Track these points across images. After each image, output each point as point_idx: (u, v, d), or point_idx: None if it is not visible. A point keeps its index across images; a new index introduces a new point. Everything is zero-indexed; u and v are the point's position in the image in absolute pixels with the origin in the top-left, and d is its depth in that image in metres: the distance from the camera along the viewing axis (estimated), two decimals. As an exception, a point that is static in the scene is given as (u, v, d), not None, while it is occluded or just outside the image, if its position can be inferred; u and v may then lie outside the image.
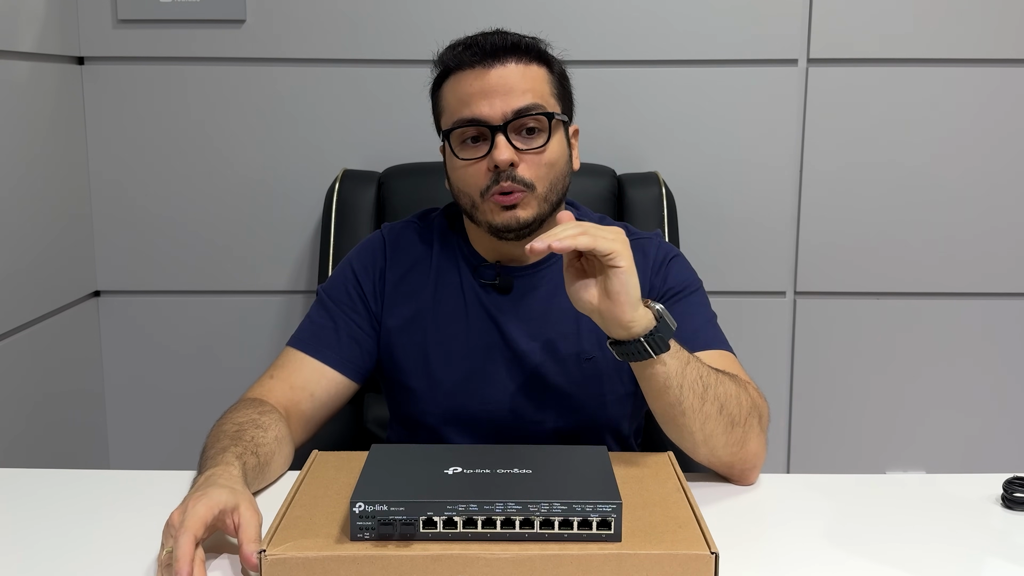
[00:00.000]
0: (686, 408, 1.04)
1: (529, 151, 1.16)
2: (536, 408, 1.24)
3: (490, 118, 1.15)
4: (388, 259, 1.29)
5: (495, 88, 1.16)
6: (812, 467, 2.01)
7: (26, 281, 1.70)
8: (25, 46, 1.68)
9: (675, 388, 1.03)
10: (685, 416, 1.05)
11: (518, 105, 1.15)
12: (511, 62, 1.17)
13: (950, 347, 1.98)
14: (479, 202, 1.18)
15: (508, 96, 1.15)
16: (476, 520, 0.84)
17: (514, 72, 1.17)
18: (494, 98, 1.15)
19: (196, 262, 1.96)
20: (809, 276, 1.96)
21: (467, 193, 1.19)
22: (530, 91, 1.17)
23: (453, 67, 1.19)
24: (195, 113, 1.90)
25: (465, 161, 1.18)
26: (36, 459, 1.73)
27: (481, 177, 1.17)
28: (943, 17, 1.85)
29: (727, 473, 1.11)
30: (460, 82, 1.18)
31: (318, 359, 1.23)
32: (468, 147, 1.18)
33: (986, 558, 0.92)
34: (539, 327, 1.24)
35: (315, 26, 1.87)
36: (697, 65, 1.88)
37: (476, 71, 1.17)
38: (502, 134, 1.15)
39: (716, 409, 1.05)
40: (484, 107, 1.15)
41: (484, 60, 1.17)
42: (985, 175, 1.91)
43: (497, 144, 1.14)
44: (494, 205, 1.17)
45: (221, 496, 0.89)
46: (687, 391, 1.04)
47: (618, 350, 1.03)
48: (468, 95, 1.17)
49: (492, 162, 1.15)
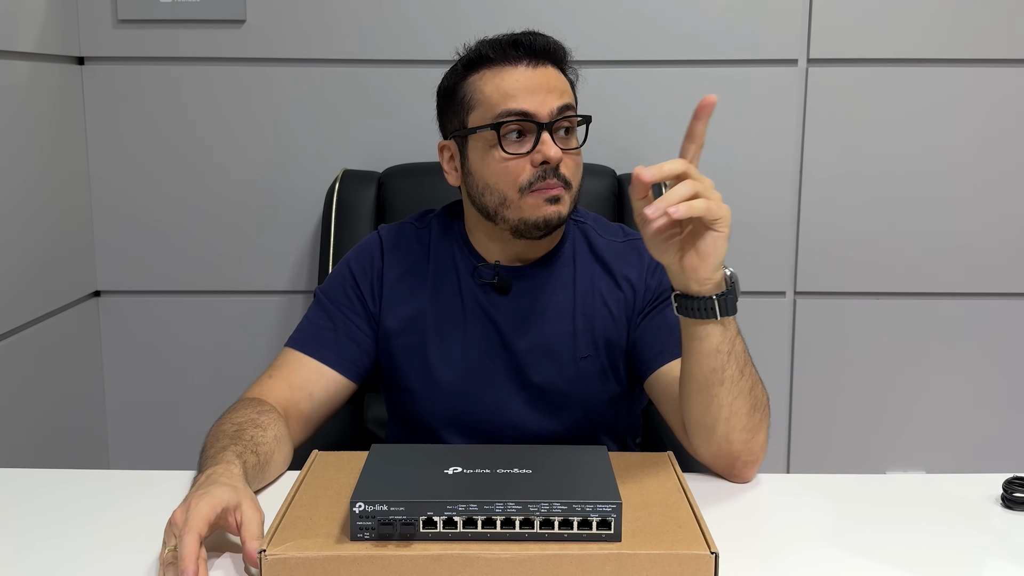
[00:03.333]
0: (725, 377, 1.05)
1: (569, 151, 1.19)
2: (533, 408, 1.25)
3: (538, 114, 1.17)
4: (386, 260, 1.29)
5: (541, 86, 1.18)
6: (812, 467, 2.01)
7: (26, 281, 1.71)
8: (25, 46, 1.68)
9: (724, 354, 1.05)
10: (723, 385, 1.05)
11: (560, 104, 1.18)
12: (550, 65, 1.21)
13: (950, 347, 1.98)
14: (515, 198, 1.18)
15: (551, 95, 1.18)
16: (476, 520, 0.84)
17: (554, 75, 1.21)
18: (540, 95, 1.17)
19: (196, 262, 1.96)
20: (809, 276, 1.96)
21: (501, 190, 1.19)
22: (567, 93, 1.21)
23: (494, 61, 1.19)
24: (195, 113, 1.90)
25: (510, 155, 1.18)
26: (36, 459, 1.73)
27: (523, 172, 1.17)
28: (943, 17, 1.85)
29: (728, 467, 1.10)
30: (504, 77, 1.19)
31: (317, 359, 1.23)
32: (512, 142, 1.18)
33: (986, 558, 0.92)
34: (536, 327, 1.25)
35: (315, 26, 1.87)
36: (697, 65, 1.88)
37: (521, 68, 1.18)
38: (547, 132, 1.16)
39: (748, 387, 1.07)
40: (533, 103, 1.17)
41: (530, 59, 1.19)
42: (985, 175, 1.91)
43: (545, 140, 1.16)
44: (537, 199, 1.17)
45: (223, 494, 0.89)
46: (732, 360, 1.05)
47: (684, 303, 1.04)
48: (516, 90, 1.17)
49: (542, 157, 1.16)
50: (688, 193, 0.96)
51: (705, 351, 1.05)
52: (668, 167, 0.96)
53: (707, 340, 1.04)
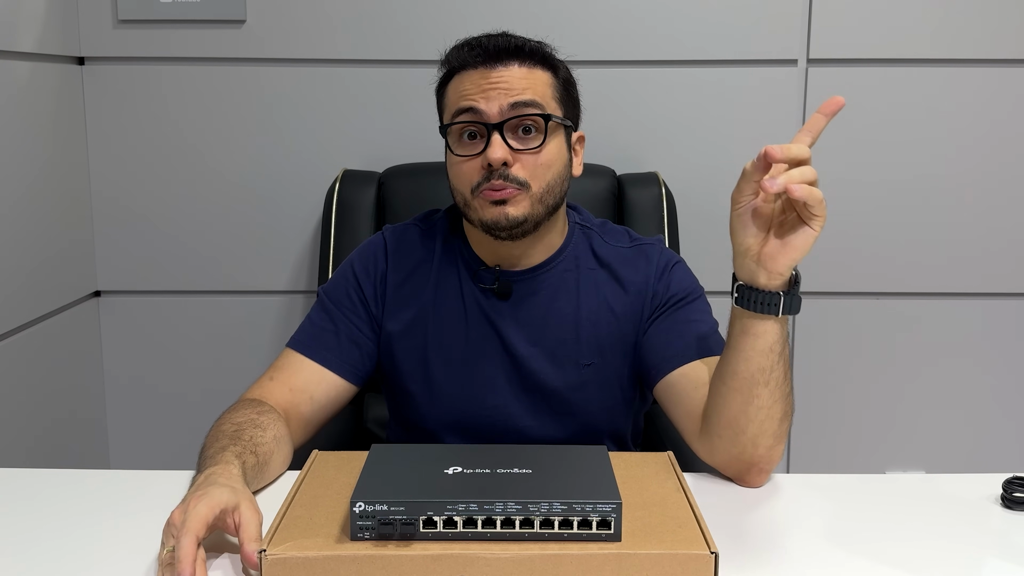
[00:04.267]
0: (770, 379, 1.05)
1: (525, 151, 1.16)
2: (535, 414, 1.24)
3: (487, 113, 1.15)
4: (390, 262, 1.28)
5: (494, 86, 1.16)
6: (812, 467, 2.01)
7: (26, 281, 1.71)
8: (25, 46, 1.68)
9: (776, 354, 1.05)
10: (768, 386, 1.05)
11: (515, 102, 1.15)
12: (514, 64, 1.17)
13: (950, 347, 1.98)
14: (470, 198, 1.18)
15: (507, 94, 1.15)
16: (476, 520, 0.84)
17: (516, 73, 1.17)
18: (492, 95, 1.15)
19: (196, 262, 1.96)
20: (809, 276, 1.95)
21: (459, 190, 1.19)
22: (529, 90, 1.17)
23: (457, 66, 1.19)
24: (195, 113, 1.90)
25: (460, 157, 1.18)
26: (36, 459, 1.73)
27: (474, 174, 1.16)
28: (943, 17, 1.85)
29: (744, 472, 1.09)
30: (462, 81, 1.18)
31: (318, 362, 1.23)
32: (465, 143, 1.18)
33: (986, 558, 0.92)
34: (538, 332, 1.24)
35: (315, 26, 1.87)
36: (697, 65, 1.88)
37: (479, 71, 1.17)
38: (498, 132, 1.14)
39: (787, 393, 1.07)
40: (481, 103, 1.15)
41: (487, 61, 1.17)
42: (985, 175, 1.91)
43: (492, 142, 1.14)
44: (484, 201, 1.16)
45: (222, 495, 0.89)
46: (780, 362, 1.05)
47: (748, 295, 1.05)
48: (468, 92, 1.17)
49: (485, 160, 1.14)
50: (811, 177, 0.97)
51: (759, 348, 1.05)
52: (796, 150, 0.97)
53: (763, 337, 1.04)
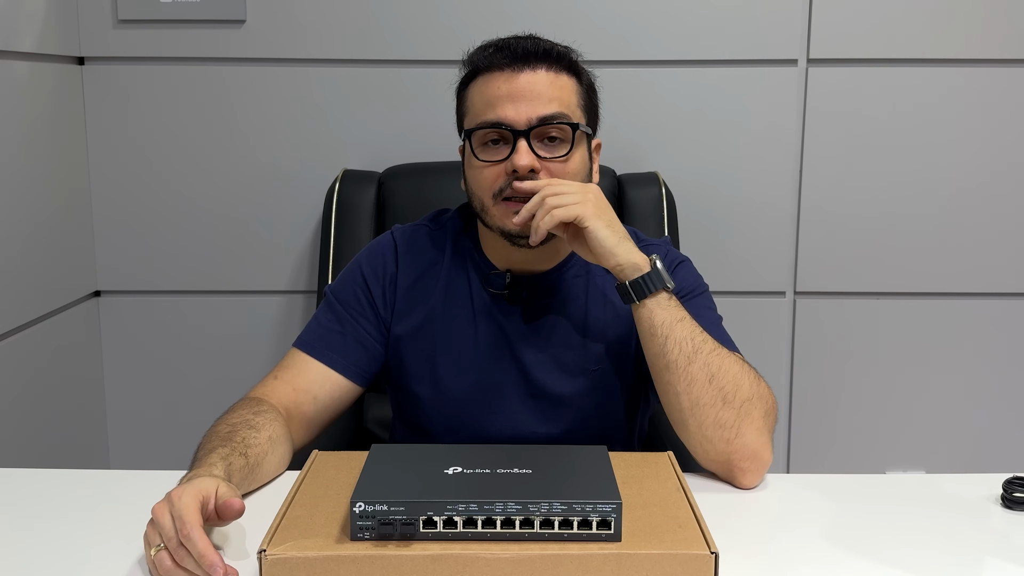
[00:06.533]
0: (669, 362, 1.10)
1: (552, 159, 1.16)
2: (542, 419, 1.24)
3: (515, 122, 1.14)
4: (400, 265, 1.27)
5: (522, 93, 1.15)
6: (812, 467, 2.01)
7: (26, 281, 1.71)
8: (25, 46, 1.68)
9: (660, 337, 1.10)
10: (669, 371, 1.10)
11: (544, 112, 1.14)
12: (541, 69, 1.17)
13: (950, 347, 1.98)
14: (489, 204, 1.18)
15: (535, 102, 1.15)
16: (476, 520, 0.84)
17: (543, 79, 1.16)
18: (520, 103, 1.15)
19: (196, 262, 1.96)
20: (809, 276, 1.96)
21: (479, 195, 1.19)
22: (556, 99, 1.16)
23: (482, 68, 1.18)
24: (195, 113, 1.90)
25: (483, 162, 1.17)
26: (36, 459, 1.73)
27: (497, 179, 1.16)
28: (943, 17, 1.85)
29: (725, 470, 1.10)
30: (488, 84, 1.17)
31: (323, 362, 1.22)
32: (489, 149, 1.17)
33: (986, 558, 0.92)
34: (547, 338, 1.24)
35: (315, 26, 1.87)
36: (697, 65, 1.88)
37: (505, 74, 1.16)
38: (524, 139, 1.14)
39: (705, 376, 1.08)
40: (510, 111, 1.14)
41: (514, 64, 1.16)
42: (985, 175, 1.91)
43: (518, 149, 1.14)
44: (505, 208, 1.16)
45: (203, 482, 0.90)
46: (672, 345, 1.10)
47: (618, 290, 1.13)
48: (495, 97, 1.16)
49: (511, 166, 1.14)
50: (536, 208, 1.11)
51: (643, 333, 1.13)
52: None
53: (640, 323, 1.12)
